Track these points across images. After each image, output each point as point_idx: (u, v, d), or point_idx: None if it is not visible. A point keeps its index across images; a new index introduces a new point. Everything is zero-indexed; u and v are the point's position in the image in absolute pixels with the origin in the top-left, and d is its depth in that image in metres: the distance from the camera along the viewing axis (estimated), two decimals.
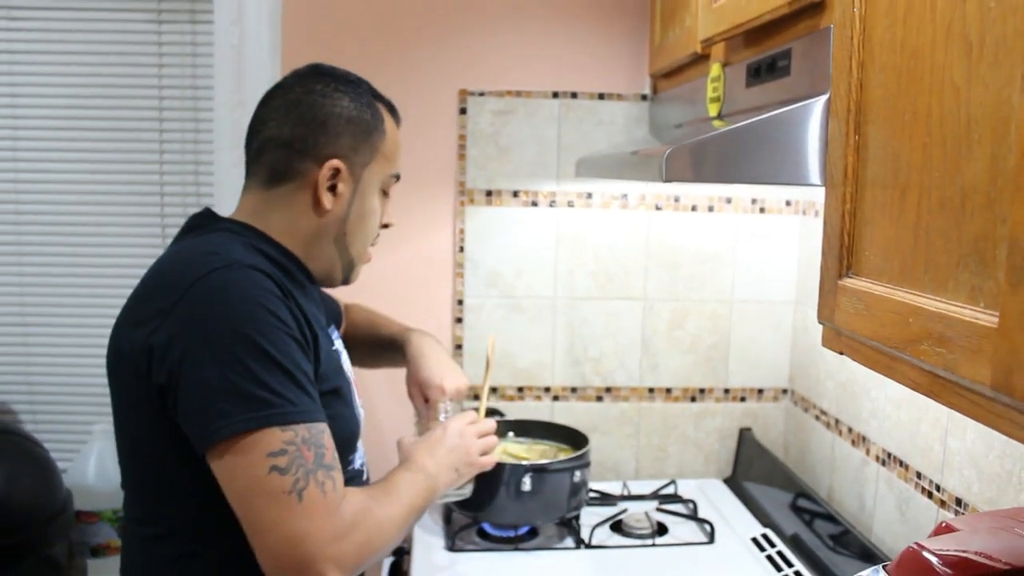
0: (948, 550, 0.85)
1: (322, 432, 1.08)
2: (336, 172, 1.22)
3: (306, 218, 1.23)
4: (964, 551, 0.85)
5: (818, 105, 0.99)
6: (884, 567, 0.90)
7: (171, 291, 1.07)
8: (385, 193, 1.31)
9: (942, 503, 1.35)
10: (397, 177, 1.33)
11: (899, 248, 0.78)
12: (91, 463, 1.97)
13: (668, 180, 1.00)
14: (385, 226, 1.34)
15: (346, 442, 1.24)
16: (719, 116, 1.38)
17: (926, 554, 0.86)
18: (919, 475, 1.42)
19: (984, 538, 0.89)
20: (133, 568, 1.20)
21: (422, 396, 1.51)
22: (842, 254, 0.87)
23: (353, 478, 1.27)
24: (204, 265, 1.08)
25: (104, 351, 1.18)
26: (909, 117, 0.77)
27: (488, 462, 1.45)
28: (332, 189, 1.22)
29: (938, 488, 1.37)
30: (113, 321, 1.17)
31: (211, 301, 1.05)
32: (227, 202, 1.85)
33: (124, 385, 1.14)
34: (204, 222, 1.24)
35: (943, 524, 0.93)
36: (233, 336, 1.03)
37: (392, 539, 1.15)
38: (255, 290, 1.07)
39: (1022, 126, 0.59)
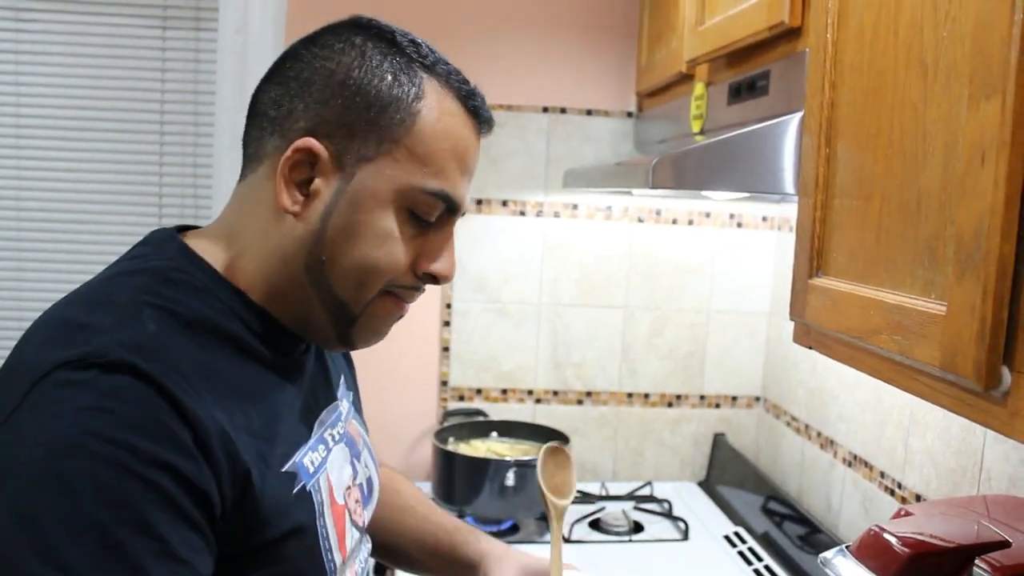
0: (905, 532, 0.94)
1: None
2: (311, 156, 0.80)
3: (266, 226, 0.83)
4: (919, 533, 0.94)
5: (793, 121, 1.08)
6: (846, 547, 0.98)
7: (13, 382, 0.74)
8: (419, 217, 0.83)
9: (903, 500, 1.44)
10: (441, 197, 0.82)
11: (863, 249, 0.86)
12: None
13: (655, 187, 1.09)
14: (431, 277, 0.87)
15: None
16: (701, 132, 1.47)
17: (886, 535, 0.94)
18: (883, 474, 1.51)
19: (937, 522, 0.98)
20: None
21: None
22: (812, 256, 0.95)
23: None
24: (55, 356, 0.73)
25: None
26: (873, 131, 0.85)
27: None
28: (304, 185, 0.81)
29: (899, 486, 1.45)
30: None
31: (34, 421, 0.70)
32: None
33: None
34: (153, 239, 0.89)
35: (902, 510, 1.02)
36: (34, 483, 0.68)
37: None
38: (93, 419, 0.69)
39: (968, 140, 0.68)
